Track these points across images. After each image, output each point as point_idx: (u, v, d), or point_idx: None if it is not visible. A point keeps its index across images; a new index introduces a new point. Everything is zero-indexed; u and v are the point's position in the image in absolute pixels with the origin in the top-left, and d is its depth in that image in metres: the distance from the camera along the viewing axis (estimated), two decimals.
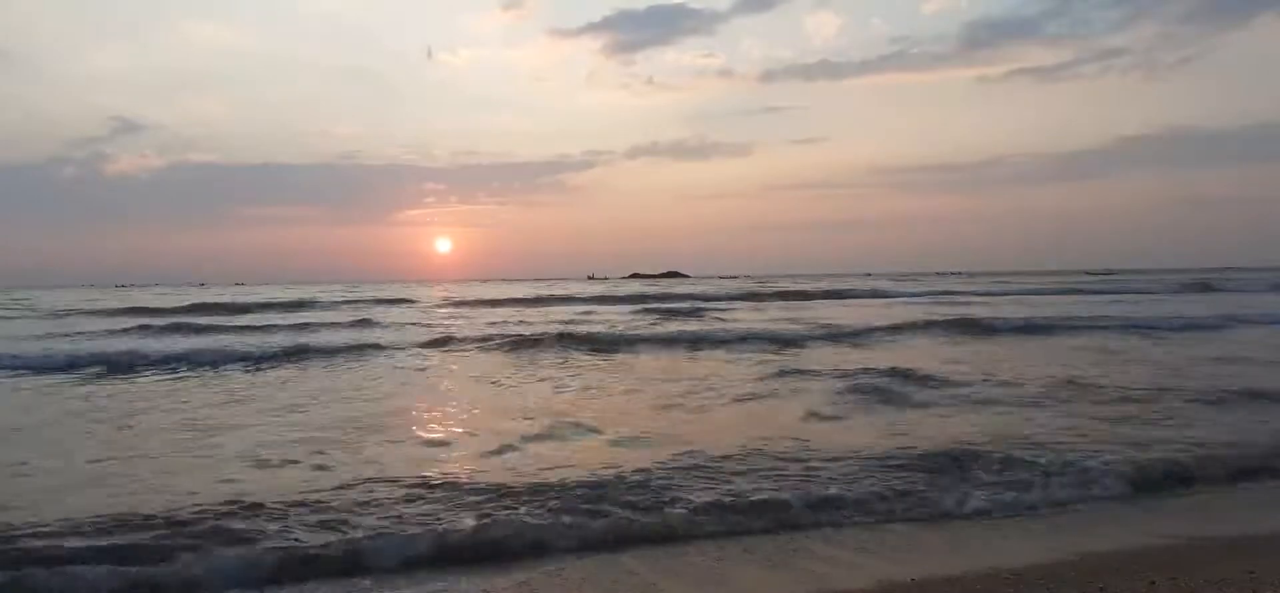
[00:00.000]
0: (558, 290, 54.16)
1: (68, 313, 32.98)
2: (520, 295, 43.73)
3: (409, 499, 5.32)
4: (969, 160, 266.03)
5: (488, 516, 4.93)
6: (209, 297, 43.56)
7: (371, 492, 5.51)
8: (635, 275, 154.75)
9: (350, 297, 44.52)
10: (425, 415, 9.18)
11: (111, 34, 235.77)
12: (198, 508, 5.07)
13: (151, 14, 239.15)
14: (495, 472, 6.12)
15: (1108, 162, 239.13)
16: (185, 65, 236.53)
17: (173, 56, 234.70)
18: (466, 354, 16.13)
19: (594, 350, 16.14)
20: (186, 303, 35.49)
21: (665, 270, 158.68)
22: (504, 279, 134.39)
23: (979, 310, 27.21)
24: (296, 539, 4.57)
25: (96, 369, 13.53)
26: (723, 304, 35.44)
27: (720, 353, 15.61)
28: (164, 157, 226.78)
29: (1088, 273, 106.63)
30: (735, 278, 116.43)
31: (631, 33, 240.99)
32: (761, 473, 5.87)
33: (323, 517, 4.93)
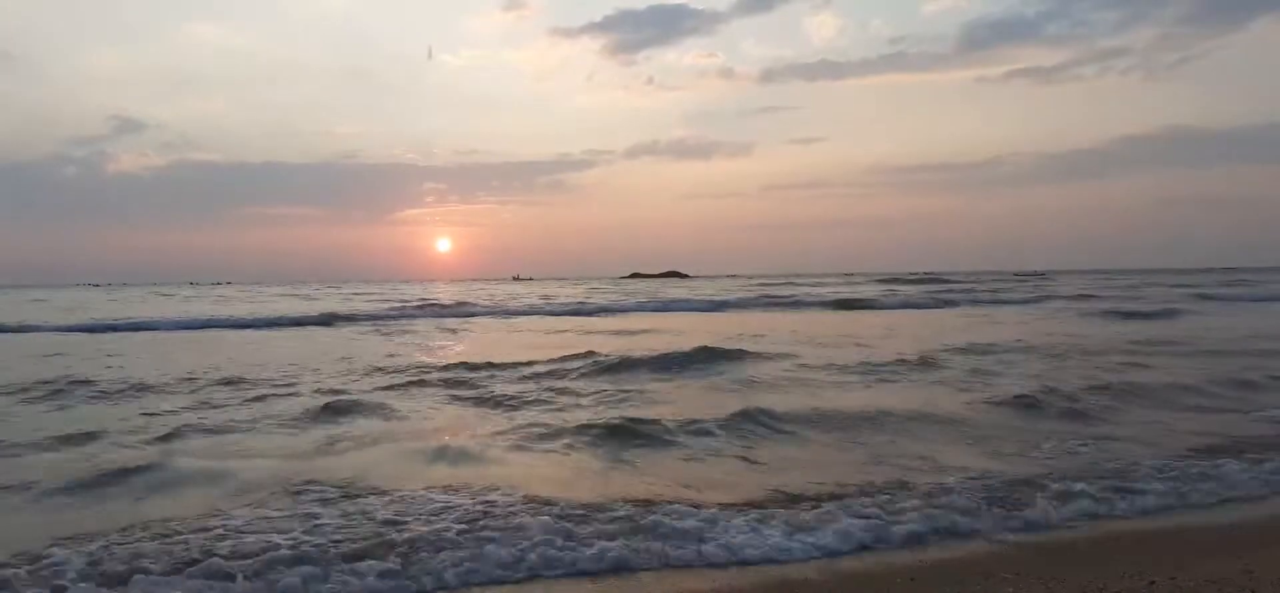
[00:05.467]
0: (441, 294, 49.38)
1: None
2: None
3: None
4: (968, 160, 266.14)
5: None
6: None
7: None
8: (635, 275, 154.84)
9: None
10: None
11: (113, 34, 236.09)
12: None
13: (152, 14, 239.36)
14: None
15: (1107, 162, 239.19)
16: (186, 64, 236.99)
17: (174, 56, 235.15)
18: None
19: None
20: None
21: (665, 270, 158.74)
22: (455, 280, 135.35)
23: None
24: None
25: None
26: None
27: None
28: (165, 155, 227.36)
29: (1017, 275, 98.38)
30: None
31: (632, 33, 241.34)
32: None
33: None
